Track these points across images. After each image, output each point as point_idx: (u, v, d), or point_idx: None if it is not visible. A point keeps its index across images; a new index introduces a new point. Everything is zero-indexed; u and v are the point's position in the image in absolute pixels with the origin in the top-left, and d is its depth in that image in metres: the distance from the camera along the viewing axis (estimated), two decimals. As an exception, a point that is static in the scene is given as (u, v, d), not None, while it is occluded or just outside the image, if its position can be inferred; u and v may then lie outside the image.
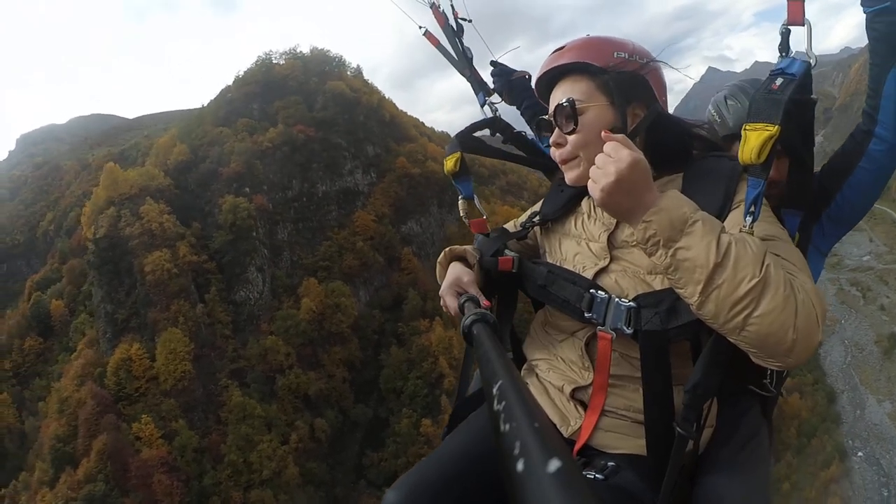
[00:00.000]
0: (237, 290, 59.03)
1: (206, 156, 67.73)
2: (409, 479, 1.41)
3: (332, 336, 59.23)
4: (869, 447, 60.92)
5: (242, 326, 57.66)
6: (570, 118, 1.45)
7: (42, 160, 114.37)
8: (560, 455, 0.45)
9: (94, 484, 44.91)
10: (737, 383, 1.58)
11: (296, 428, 52.24)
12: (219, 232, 60.74)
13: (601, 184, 1.18)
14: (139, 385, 52.08)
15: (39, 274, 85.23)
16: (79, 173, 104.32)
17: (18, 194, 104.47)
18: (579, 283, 1.44)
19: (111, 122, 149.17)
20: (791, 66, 1.23)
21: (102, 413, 49.69)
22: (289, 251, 64.64)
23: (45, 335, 73.69)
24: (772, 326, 1.07)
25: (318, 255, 64.50)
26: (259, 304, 59.53)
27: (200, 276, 58.62)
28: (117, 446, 46.78)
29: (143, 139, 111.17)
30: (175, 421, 49.35)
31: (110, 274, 59.20)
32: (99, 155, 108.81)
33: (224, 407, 52.03)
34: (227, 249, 59.69)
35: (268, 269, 61.41)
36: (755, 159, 1.15)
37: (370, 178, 72.65)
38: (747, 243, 1.12)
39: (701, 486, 1.37)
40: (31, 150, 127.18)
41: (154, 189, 63.26)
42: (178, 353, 51.64)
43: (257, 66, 78.92)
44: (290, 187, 67.68)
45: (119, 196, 62.82)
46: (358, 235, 66.49)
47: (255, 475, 48.21)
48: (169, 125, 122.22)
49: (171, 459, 47.21)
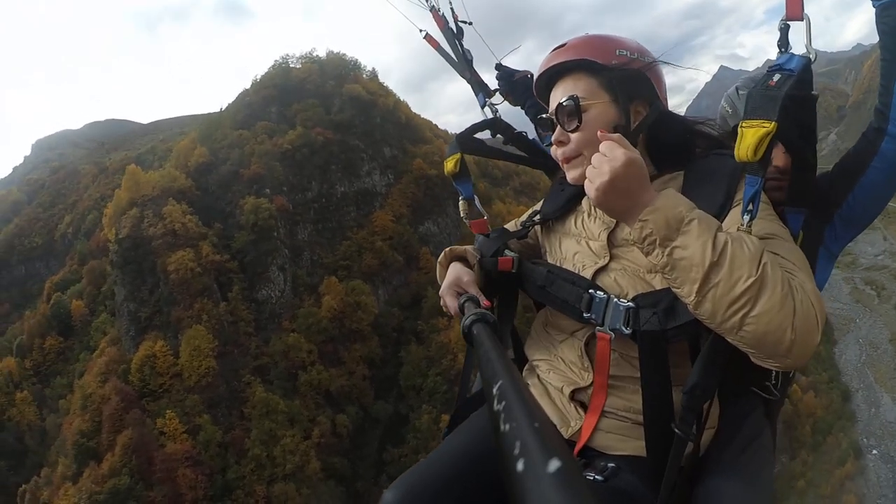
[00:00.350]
0: (259, 288, 59.87)
1: (226, 158, 68.80)
2: (408, 478, 1.40)
3: (352, 333, 59.93)
4: (884, 445, 61.97)
5: (264, 324, 58.44)
6: (573, 116, 1.46)
7: (58, 164, 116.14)
8: (560, 455, 0.45)
9: (118, 478, 45.49)
10: (738, 384, 1.57)
11: (318, 423, 52.83)
12: (240, 232, 61.67)
13: (596, 183, 1.18)
14: (163, 381, 52.83)
15: (58, 275, 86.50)
16: (96, 177, 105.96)
17: (36, 197, 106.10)
18: (578, 284, 1.44)
19: (126, 127, 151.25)
20: (789, 61, 1.24)
21: (127, 409, 50.39)
22: (309, 251, 65.50)
23: (66, 334, 74.77)
24: (769, 326, 1.06)
25: (338, 254, 65.37)
26: (280, 302, 60.37)
27: (223, 275, 59.49)
28: (142, 441, 47.45)
29: (160, 143, 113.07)
30: (199, 416, 50.03)
31: (133, 273, 60.09)
32: (115, 159, 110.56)
33: (247, 403, 52.71)
34: (249, 249, 60.58)
35: (289, 268, 62.28)
36: (751, 157, 1.15)
37: (387, 180, 73.56)
38: (744, 242, 1.11)
39: (701, 488, 1.36)
40: (47, 154, 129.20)
41: (175, 190, 64.28)
42: (202, 349, 52.39)
43: (274, 69, 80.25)
44: (309, 189, 68.63)
45: (141, 197, 63.85)
46: (377, 235, 67.32)
47: (278, 469, 48.72)
48: (185, 129, 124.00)
49: (195, 454, 47.85)
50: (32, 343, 74.81)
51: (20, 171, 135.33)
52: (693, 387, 1.22)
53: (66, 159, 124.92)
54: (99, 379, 54.19)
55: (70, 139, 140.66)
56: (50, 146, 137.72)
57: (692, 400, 1.23)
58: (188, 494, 45.86)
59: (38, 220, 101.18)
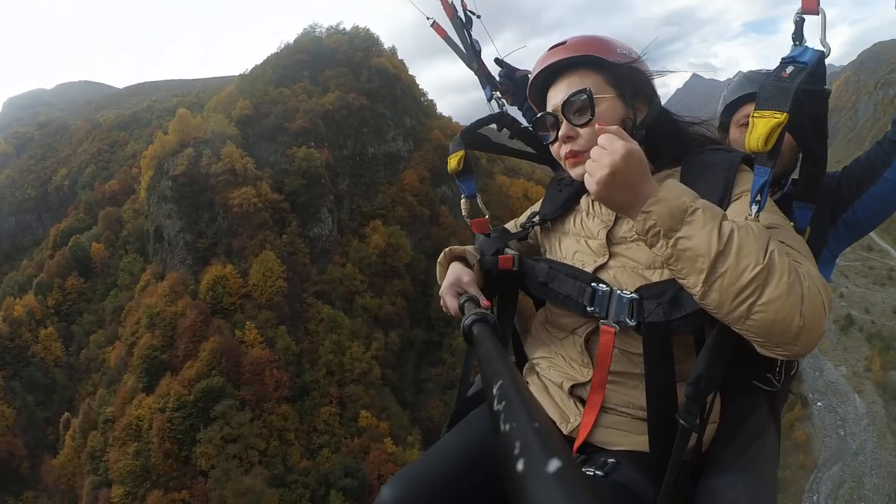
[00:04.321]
0: (311, 227, 66.46)
1: (268, 112, 74.50)
2: (406, 475, 1.42)
3: (392, 270, 67.84)
4: (826, 399, 73.76)
5: (317, 258, 65.15)
6: (585, 109, 1.43)
7: (45, 119, 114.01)
8: (560, 455, 0.45)
9: (210, 378, 50.85)
10: (740, 376, 1.58)
11: (374, 339, 60.46)
12: (290, 178, 67.93)
13: (596, 176, 1.16)
14: (233, 300, 58.29)
15: (64, 223, 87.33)
16: (89, 132, 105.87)
17: (25, 150, 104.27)
18: (580, 278, 1.43)
19: (101, 89, 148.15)
20: (803, 54, 1.19)
21: (205, 322, 55.54)
22: (349, 199, 72.66)
23: (86, 276, 76.77)
24: (777, 314, 1.03)
25: (375, 204, 73.04)
26: (330, 239, 67.32)
27: (277, 213, 65.56)
28: (228, 346, 53.03)
29: (153, 103, 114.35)
30: (274, 329, 56.17)
31: (189, 207, 64.70)
32: (108, 117, 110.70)
33: (311, 321, 59.43)
34: (301, 192, 66.98)
35: (335, 212, 69.31)
36: (762, 147, 1.11)
37: (409, 146, 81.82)
38: (750, 230, 1.09)
39: (703, 485, 1.36)
40: (20, 113, 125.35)
41: (226, 136, 69.40)
42: (274, 271, 58.53)
43: (304, 37, 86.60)
44: (345, 146, 75.72)
45: (193, 140, 68.38)
46: (406, 191, 75.58)
47: (347, 374, 55.95)
48: (172, 92, 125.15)
49: (275, 359, 54.01)
50: (52, 283, 76.11)
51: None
52: (698, 378, 1.20)
53: (41, 118, 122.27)
54: (165, 299, 58.58)
55: (44, 99, 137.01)
56: (22, 105, 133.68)
57: (697, 391, 1.21)
58: (274, 394, 52.07)
59: (31, 172, 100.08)
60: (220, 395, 49.89)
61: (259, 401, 50.69)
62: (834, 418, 70.39)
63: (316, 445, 50.96)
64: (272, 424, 50.27)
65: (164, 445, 48.62)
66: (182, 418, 49.09)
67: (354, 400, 54.28)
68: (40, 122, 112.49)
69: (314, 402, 53.58)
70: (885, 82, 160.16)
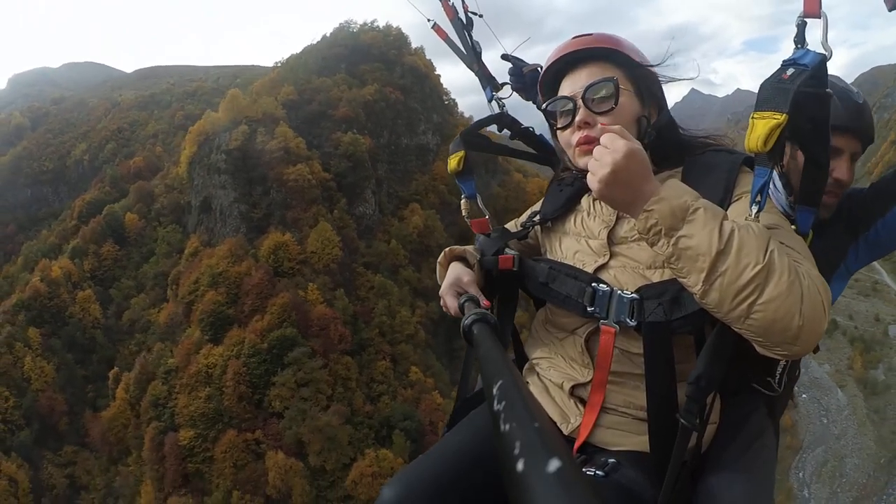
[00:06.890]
0: (356, 206, 72.15)
1: (311, 99, 79.98)
2: (407, 476, 1.41)
3: (427, 249, 74.14)
4: (811, 392, 77.43)
5: (362, 234, 70.80)
6: (609, 97, 1.43)
7: (60, 95, 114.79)
8: (560, 455, 0.45)
9: (283, 329, 55.69)
10: (740, 376, 1.55)
11: (417, 307, 66.48)
12: (337, 160, 73.56)
13: (599, 175, 1.17)
14: (292, 265, 63.21)
15: (90, 194, 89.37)
16: (108, 110, 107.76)
17: (42, 124, 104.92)
18: (581, 278, 1.43)
19: (107, 71, 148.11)
20: (804, 56, 1.19)
21: (270, 282, 60.22)
22: (387, 184, 78.73)
23: (120, 244, 79.53)
24: (777, 313, 1.04)
25: (410, 189, 79.39)
26: (373, 218, 73.12)
27: (326, 191, 70.98)
28: (296, 302, 57.98)
29: (171, 86, 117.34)
30: (333, 291, 61.44)
31: (242, 180, 69.32)
32: (127, 97, 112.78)
33: (361, 288, 64.98)
34: (348, 173, 72.65)
35: (377, 193, 75.26)
36: (761, 147, 1.11)
37: (437, 140, 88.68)
38: (751, 229, 1.09)
39: (703, 486, 1.36)
40: (27, 90, 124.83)
41: (277, 117, 74.43)
42: (331, 240, 63.90)
43: (341, 31, 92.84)
44: (381, 136, 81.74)
45: (245, 118, 73.05)
46: (437, 180, 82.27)
47: (397, 335, 61.71)
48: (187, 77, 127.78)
49: (337, 316, 59.20)
50: (88, 249, 78.43)
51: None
52: (698, 377, 1.20)
53: (47, 96, 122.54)
54: (227, 261, 62.87)
55: (49, 77, 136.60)
56: (28, 82, 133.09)
57: (697, 391, 1.21)
58: (338, 346, 57.26)
59: (49, 145, 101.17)
60: (293, 343, 54.80)
61: (325, 351, 55.79)
62: (818, 408, 75.57)
63: (375, 393, 56.48)
64: (337, 373, 55.43)
65: (238, 389, 53.05)
66: (257, 363, 53.67)
67: (405, 357, 60.15)
68: (55, 99, 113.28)
69: (370, 357, 59.08)
70: (881, 106, 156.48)
